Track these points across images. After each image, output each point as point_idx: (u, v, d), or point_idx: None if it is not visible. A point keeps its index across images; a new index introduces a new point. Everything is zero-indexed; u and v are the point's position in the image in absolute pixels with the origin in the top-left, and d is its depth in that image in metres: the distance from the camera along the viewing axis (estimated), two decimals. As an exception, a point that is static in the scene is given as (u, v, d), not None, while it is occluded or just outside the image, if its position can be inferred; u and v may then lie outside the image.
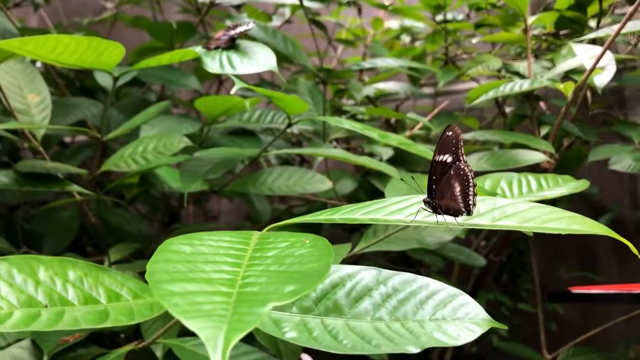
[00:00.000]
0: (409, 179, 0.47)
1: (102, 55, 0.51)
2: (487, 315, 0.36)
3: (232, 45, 0.57)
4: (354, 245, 0.59)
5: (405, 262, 1.08)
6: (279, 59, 0.56)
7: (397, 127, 1.11)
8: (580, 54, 0.77)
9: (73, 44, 0.48)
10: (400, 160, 0.89)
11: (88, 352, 0.55)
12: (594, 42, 0.84)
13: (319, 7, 1.16)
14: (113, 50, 0.51)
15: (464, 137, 0.58)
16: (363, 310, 0.37)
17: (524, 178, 0.55)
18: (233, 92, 0.52)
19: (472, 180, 0.37)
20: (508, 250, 1.18)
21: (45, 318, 0.33)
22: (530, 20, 0.85)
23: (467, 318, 0.36)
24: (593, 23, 0.92)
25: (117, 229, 0.84)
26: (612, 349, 1.11)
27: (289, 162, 1.08)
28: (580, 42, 0.82)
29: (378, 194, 0.86)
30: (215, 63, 0.53)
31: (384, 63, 0.89)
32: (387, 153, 0.89)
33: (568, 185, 0.55)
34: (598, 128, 1.03)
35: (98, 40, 0.49)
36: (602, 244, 1.26)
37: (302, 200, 1.05)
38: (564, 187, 0.54)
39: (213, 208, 1.37)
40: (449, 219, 0.37)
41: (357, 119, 1.04)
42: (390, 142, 0.55)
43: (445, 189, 0.37)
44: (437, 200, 0.37)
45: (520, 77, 0.90)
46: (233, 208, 1.39)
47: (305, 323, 0.37)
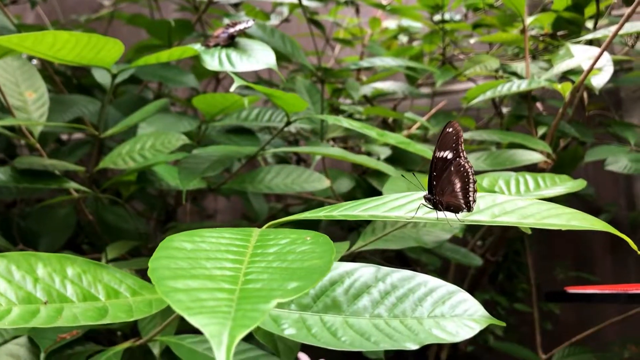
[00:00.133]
0: (410, 176, 0.47)
1: (100, 52, 0.51)
2: (485, 312, 0.36)
3: (231, 43, 0.57)
4: (352, 244, 0.59)
5: (402, 261, 1.08)
6: (277, 58, 0.56)
7: (394, 127, 1.11)
8: (578, 55, 0.77)
9: (72, 41, 0.48)
10: (398, 160, 0.89)
11: (85, 349, 0.55)
12: (591, 43, 0.84)
13: (317, 6, 1.16)
14: (112, 47, 0.51)
15: (462, 136, 0.58)
16: (362, 307, 0.37)
17: (522, 177, 0.55)
18: (232, 89, 0.51)
19: (472, 177, 0.37)
20: (504, 250, 1.18)
21: (44, 314, 0.33)
22: (528, 21, 0.85)
23: (465, 315, 0.36)
24: (590, 24, 0.92)
25: (113, 227, 0.83)
26: (607, 349, 1.12)
27: (286, 161, 1.08)
28: (578, 43, 0.83)
29: (375, 193, 0.86)
30: (215, 60, 0.53)
31: (382, 62, 0.90)
32: (384, 152, 0.89)
33: (565, 185, 0.55)
34: (594, 129, 1.04)
35: (97, 37, 0.49)
36: (597, 245, 1.26)
37: (299, 199, 1.05)
38: (561, 186, 0.55)
39: (209, 206, 1.37)
40: (450, 215, 0.37)
41: (354, 119, 1.04)
42: (389, 140, 0.55)
43: (446, 185, 0.37)
44: (437, 197, 0.37)
45: (518, 77, 0.90)
46: (229, 206, 1.39)
47: (304, 320, 0.37)
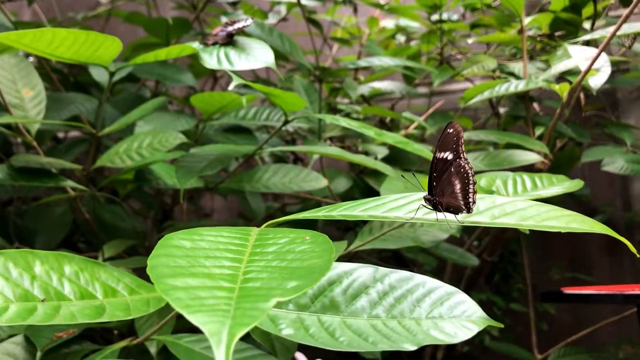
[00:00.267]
0: (409, 176, 0.47)
1: (98, 50, 0.51)
2: (483, 314, 0.36)
3: (229, 42, 0.56)
4: (349, 244, 0.59)
5: (398, 261, 1.08)
6: (275, 57, 0.56)
7: (392, 126, 1.11)
8: (576, 55, 0.77)
9: (70, 38, 0.48)
10: (395, 160, 0.89)
11: (81, 348, 0.55)
12: (588, 43, 0.85)
13: (315, 5, 1.16)
14: (110, 45, 0.51)
15: (460, 136, 0.58)
16: (360, 308, 0.37)
17: (519, 177, 0.56)
18: (231, 88, 0.51)
19: (472, 178, 0.37)
20: (500, 251, 1.19)
21: (42, 312, 0.33)
22: (526, 21, 0.85)
23: (463, 316, 0.36)
24: (587, 25, 0.92)
25: (110, 226, 0.83)
26: (602, 349, 1.12)
27: (284, 160, 1.08)
28: (575, 43, 0.83)
29: (373, 193, 0.86)
30: (213, 59, 0.53)
31: (380, 62, 0.90)
32: (382, 152, 0.89)
33: (562, 185, 0.55)
34: (591, 130, 1.04)
35: (95, 35, 0.49)
36: (593, 246, 1.26)
37: (296, 199, 1.05)
38: (558, 186, 0.55)
39: (206, 205, 1.36)
40: (449, 217, 0.37)
41: (352, 118, 1.04)
42: (387, 140, 0.55)
43: (446, 186, 0.37)
44: (437, 198, 0.37)
45: (516, 77, 0.90)
46: (226, 206, 1.38)
47: (302, 320, 0.37)
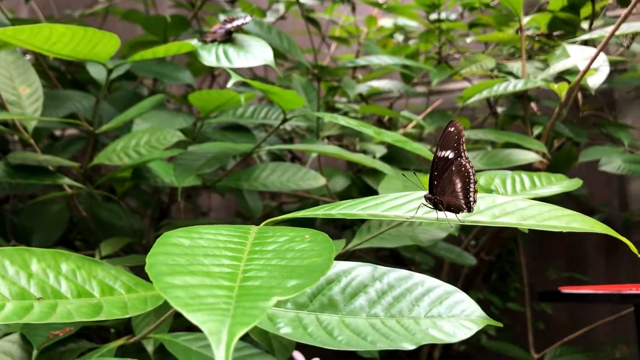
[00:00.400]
0: (409, 175, 0.47)
1: (96, 47, 0.51)
2: (482, 313, 0.36)
3: (228, 39, 0.56)
4: (347, 243, 0.59)
5: (396, 260, 1.08)
6: (274, 55, 0.56)
7: (390, 126, 1.11)
8: (574, 55, 0.77)
9: (68, 34, 0.47)
10: (393, 159, 0.89)
11: (78, 346, 0.55)
12: (586, 43, 0.85)
13: (314, 3, 1.15)
14: (108, 42, 0.51)
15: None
16: (358, 307, 0.37)
17: (518, 176, 0.55)
18: (230, 85, 0.51)
19: (473, 177, 0.37)
20: (497, 250, 1.19)
21: (38, 310, 0.33)
22: (525, 21, 0.85)
23: (462, 315, 0.36)
24: (585, 25, 0.92)
25: (107, 224, 0.83)
26: (598, 349, 1.13)
27: (282, 159, 1.08)
28: (573, 43, 0.83)
29: (371, 192, 0.86)
30: (212, 56, 0.53)
31: (379, 60, 0.89)
32: (380, 151, 0.89)
33: (561, 184, 0.55)
34: (588, 129, 1.04)
35: (93, 31, 0.49)
36: (590, 245, 1.27)
37: (293, 197, 1.05)
38: (557, 185, 0.55)
39: (203, 204, 1.36)
40: (450, 216, 0.37)
41: (350, 117, 1.04)
42: (386, 138, 0.55)
43: (447, 185, 0.37)
44: (438, 197, 0.37)
45: (514, 77, 0.90)
46: (223, 204, 1.38)
47: (300, 319, 0.36)
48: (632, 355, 1.11)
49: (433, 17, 1.08)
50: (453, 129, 0.38)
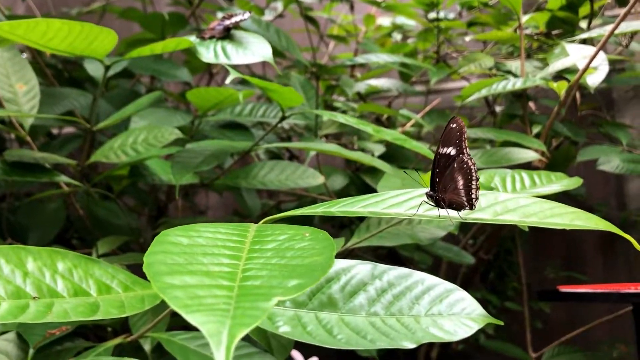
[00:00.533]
0: (409, 173, 0.47)
1: (93, 43, 0.50)
2: (483, 311, 0.36)
3: (226, 35, 0.56)
4: (346, 241, 0.58)
5: (394, 259, 1.08)
6: (272, 53, 0.56)
7: (388, 125, 1.11)
8: (573, 54, 0.77)
9: (65, 29, 0.47)
10: (392, 157, 0.89)
11: (74, 345, 0.54)
12: (584, 42, 0.84)
13: (312, 2, 1.15)
14: (105, 38, 0.50)
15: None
16: (358, 305, 0.37)
17: (518, 175, 0.55)
18: (228, 81, 0.51)
19: (475, 174, 0.36)
20: (495, 249, 1.19)
21: (34, 310, 0.32)
22: (524, 19, 0.85)
23: (463, 314, 0.36)
24: (584, 24, 0.92)
25: (104, 222, 0.82)
26: (596, 348, 1.13)
27: (280, 157, 1.07)
28: (572, 42, 0.83)
29: (369, 191, 0.85)
30: (210, 53, 0.53)
31: (378, 58, 0.89)
32: (378, 150, 0.89)
33: (561, 183, 0.55)
34: (586, 129, 1.04)
35: (90, 26, 0.48)
36: (587, 244, 1.27)
37: (291, 196, 1.05)
38: (557, 184, 0.55)
39: (201, 202, 1.36)
40: (452, 213, 0.36)
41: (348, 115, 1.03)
42: (385, 136, 0.55)
43: (448, 183, 0.37)
44: (440, 194, 0.37)
45: (513, 76, 0.90)
46: (221, 203, 1.38)
47: (299, 317, 0.36)
48: (630, 355, 1.11)
49: (431, 15, 1.07)
50: (455, 126, 0.37)
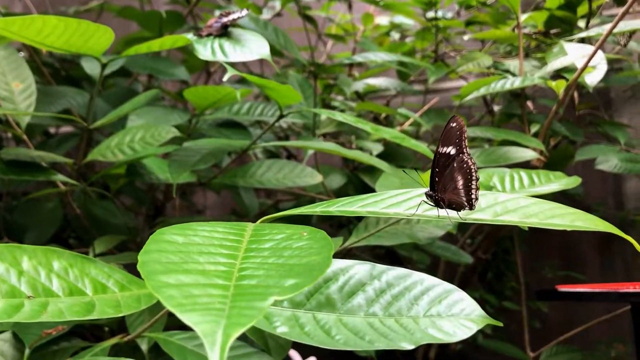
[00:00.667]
0: (410, 172, 0.46)
1: (90, 40, 0.50)
2: (482, 312, 0.36)
3: (224, 33, 0.55)
4: (344, 241, 0.58)
5: (392, 258, 1.08)
6: (270, 52, 0.55)
7: (386, 124, 1.11)
8: (572, 53, 0.77)
9: (61, 26, 0.46)
10: (390, 156, 0.88)
11: (71, 345, 0.54)
12: (582, 41, 0.84)
13: (310, 0, 1.15)
14: (102, 35, 0.50)
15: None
16: (356, 306, 0.36)
17: (516, 174, 0.55)
18: (226, 78, 0.50)
19: (475, 174, 0.36)
20: (493, 249, 1.18)
21: (29, 309, 0.32)
22: (522, 18, 0.85)
23: (462, 314, 0.35)
24: (582, 23, 0.92)
25: (101, 221, 0.82)
26: (594, 348, 1.13)
27: (277, 156, 1.07)
28: (570, 41, 0.82)
29: (367, 190, 0.85)
30: (207, 50, 0.52)
31: (376, 57, 0.89)
32: (377, 149, 0.89)
33: (560, 182, 0.54)
34: (584, 128, 1.04)
35: (87, 23, 0.48)
36: (585, 244, 1.27)
37: (289, 195, 1.04)
38: (556, 183, 0.54)
39: (199, 202, 1.35)
40: (451, 213, 0.36)
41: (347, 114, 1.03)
42: (384, 135, 0.54)
43: (448, 182, 0.36)
44: (439, 194, 0.36)
45: (511, 75, 0.90)
46: (219, 202, 1.37)
47: (297, 318, 0.36)
48: (627, 354, 1.11)
49: (430, 15, 1.07)
50: (455, 125, 0.37)
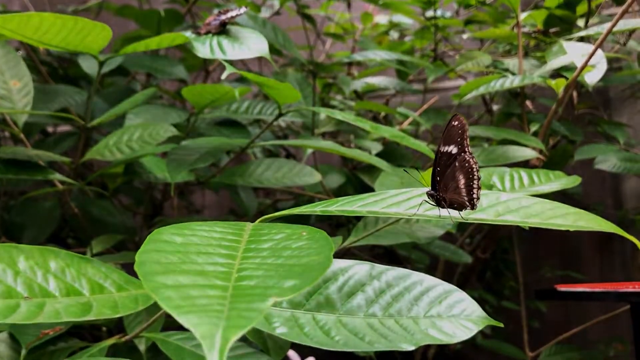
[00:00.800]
0: (410, 171, 0.46)
1: (87, 38, 0.49)
2: (482, 313, 0.36)
3: (222, 31, 0.55)
4: (343, 240, 0.58)
5: (391, 258, 1.08)
6: (269, 51, 0.55)
7: (385, 123, 1.11)
8: (571, 52, 0.76)
9: (58, 24, 0.46)
10: (389, 156, 0.88)
11: (68, 345, 0.54)
12: (582, 40, 0.84)
13: (309, -1, 1.14)
14: (99, 33, 0.49)
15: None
16: (356, 306, 0.36)
17: (516, 173, 0.55)
18: (224, 76, 0.50)
19: (476, 173, 0.36)
20: (492, 248, 1.18)
21: (25, 310, 0.32)
22: (522, 17, 0.84)
23: (462, 315, 0.35)
24: (581, 23, 0.92)
25: (99, 221, 0.82)
26: (593, 347, 1.12)
27: (276, 156, 1.07)
28: (570, 40, 0.82)
29: (366, 189, 0.85)
30: (206, 48, 0.52)
31: (375, 56, 0.89)
32: (376, 148, 0.89)
33: (559, 181, 0.54)
34: (583, 128, 1.04)
35: (84, 21, 0.47)
36: (584, 244, 1.27)
37: (288, 194, 1.04)
38: (556, 182, 0.54)
39: (197, 201, 1.35)
40: (453, 213, 0.36)
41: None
42: (383, 133, 0.54)
43: (450, 182, 0.36)
44: (440, 193, 0.36)
45: (511, 74, 0.90)
46: (217, 202, 1.37)
47: (296, 318, 0.35)
48: (626, 353, 1.11)
49: (429, 14, 1.07)
50: (457, 123, 0.37)
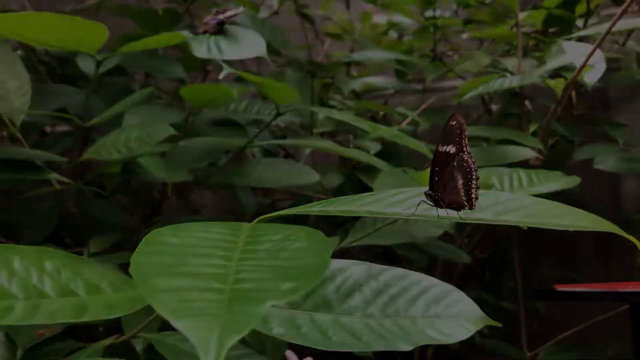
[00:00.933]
0: (410, 171, 0.46)
1: (84, 37, 0.49)
2: (481, 313, 0.36)
3: (220, 31, 0.55)
4: (341, 241, 0.58)
5: (389, 257, 1.07)
6: (267, 50, 0.55)
7: (384, 123, 1.11)
8: (571, 51, 0.76)
9: (55, 23, 0.46)
10: (388, 155, 0.88)
11: (65, 345, 0.54)
12: (581, 40, 0.84)
13: (308, -2, 1.14)
14: (96, 32, 0.49)
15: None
16: (353, 306, 0.36)
17: (515, 173, 0.55)
18: (222, 76, 0.50)
19: (475, 173, 0.36)
20: (491, 248, 1.18)
21: (20, 311, 0.31)
22: (521, 17, 0.84)
23: (461, 315, 0.35)
24: (580, 23, 0.92)
25: (97, 220, 0.81)
26: (592, 347, 1.12)
27: (274, 156, 1.07)
28: (569, 40, 0.82)
29: (365, 189, 0.85)
30: (203, 47, 0.52)
31: (375, 55, 0.88)
32: (374, 148, 0.88)
33: (559, 181, 0.54)
34: (582, 128, 1.04)
35: (81, 20, 0.47)
36: (583, 244, 1.26)
37: (287, 194, 1.04)
38: (555, 182, 0.54)
39: (196, 201, 1.35)
40: (451, 213, 0.36)
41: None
42: (382, 133, 0.54)
43: (448, 181, 0.36)
44: (439, 193, 0.36)
45: (510, 73, 0.89)
46: (216, 201, 1.37)
47: (294, 319, 0.35)
48: (625, 353, 1.11)
49: (428, 13, 1.07)
50: (455, 123, 0.37)
